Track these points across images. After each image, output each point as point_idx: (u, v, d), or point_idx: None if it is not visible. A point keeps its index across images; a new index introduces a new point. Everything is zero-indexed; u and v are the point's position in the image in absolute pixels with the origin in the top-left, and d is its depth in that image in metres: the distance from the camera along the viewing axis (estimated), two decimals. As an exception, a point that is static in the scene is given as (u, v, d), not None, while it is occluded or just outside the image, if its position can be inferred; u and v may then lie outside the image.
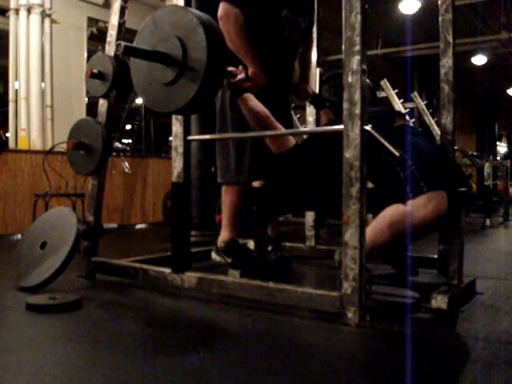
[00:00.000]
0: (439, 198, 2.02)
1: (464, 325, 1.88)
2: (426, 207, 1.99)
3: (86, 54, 5.57)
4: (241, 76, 2.22)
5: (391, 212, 2.06)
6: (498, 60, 9.26)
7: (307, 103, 3.05)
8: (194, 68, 1.81)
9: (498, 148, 15.96)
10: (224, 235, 2.60)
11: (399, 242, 2.11)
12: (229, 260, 2.50)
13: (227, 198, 2.58)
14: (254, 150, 2.51)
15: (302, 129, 2.28)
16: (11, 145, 4.99)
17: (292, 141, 2.47)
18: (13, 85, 5.00)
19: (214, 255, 2.63)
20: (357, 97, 1.74)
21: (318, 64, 3.09)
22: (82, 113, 5.39)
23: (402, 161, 2.06)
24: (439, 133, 2.26)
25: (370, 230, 2.05)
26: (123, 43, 1.85)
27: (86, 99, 5.52)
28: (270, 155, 2.52)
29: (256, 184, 2.72)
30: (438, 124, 2.31)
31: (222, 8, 2.39)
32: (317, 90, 2.89)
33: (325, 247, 3.18)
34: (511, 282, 2.67)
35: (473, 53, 8.92)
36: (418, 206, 2.00)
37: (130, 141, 8.56)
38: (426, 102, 6.44)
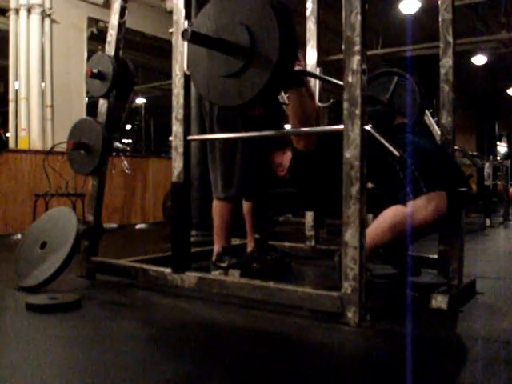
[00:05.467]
0: (439, 198, 2.02)
1: (464, 325, 1.88)
2: (427, 208, 1.99)
3: (86, 54, 5.57)
4: (299, 68, 2.13)
5: (392, 213, 2.06)
6: (498, 60, 9.26)
7: None
8: (263, 57, 1.68)
9: (498, 148, 15.95)
10: (216, 249, 2.61)
11: (400, 242, 2.11)
12: (224, 265, 2.50)
13: (216, 212, 2.58)
14: (243, 167, 2.50)
15: (302, 129, 2.27)
16: (11, 145, 5.00)
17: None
18: (13, 85, 5.00)
19: (213, 272, 2.59)
20: (357, 96, 1.74)
21: (318, 64, 3.09)
22: (81, 113, 5.39)
23: (401, 161, 2.06)
24: (439, 133, 2.26)
25: (370, 231, 2.05)
26: (190, 29, 1.71)
27: (86, 99, 5.51)
28: (260, 174, 2.52)
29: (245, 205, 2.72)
30: (438, 124, 2.31)
31: None
32: (317, 90, 2.89)
33: (325, 247, 3.18)
34: (511, 282, 2.67)
35: (473, 53, 8.91)
36: (418, 207, 2.00)
37: (130, 141, 8.56)
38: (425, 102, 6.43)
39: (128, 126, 8.60)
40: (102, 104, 2.70)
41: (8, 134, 5.14)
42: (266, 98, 1.84)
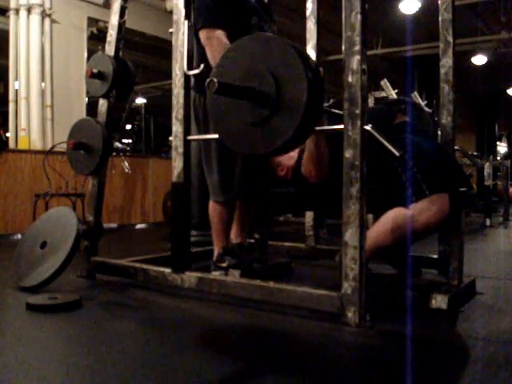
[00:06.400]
0: (442, 201, 2.01)
1: (464, 325, 1.88)
2: (429, 211, 1.98)
3: (86, 54, 5.56)
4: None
5: (394, 216, 2.05)
6: (498, 60, 9.25)
7: None
8: (291, 105, 1.64)
9: (498, 148, 15.93)
10: (216, 250, 2.60)
11: (401, 243, 2.10)
12: (225, 265, 2.49)
13: (215, 215, 2.55)
14: (243, 169, 2.48)
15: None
16: (11, 145, 4.99)
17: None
18: (13, 85, 5.00)
19: (213, 273, 2.58)
20: (357, 97, 1.74)
21: (319, 64, 3.09)
22: (82, 113, 5.38)
23: (402, 161, 2.05)
24: (439, 133, 2.26)
25: (372, 233, 2.04)
26: (216, 80, 1.63)
27: (86, 99, 5.51)
28: (261, 175, 2.51)
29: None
30: (438, 124, 2.31)
31: (203, 35, 2.33)
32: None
33: (325, 247, 3.18)
34: (511, 282, 2.67)
35: (473, 53, 8.91)
36: (420, 210, 1.99)
37: (130, 141, 8.56)
38: (426, 101, 6.45)
39: (128, 126, 8.60)
40: (102, 104, 2.70)
41: (8, 134, 5.13)
42: (293, 145, 1.80)
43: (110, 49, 2.68)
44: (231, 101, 1.75)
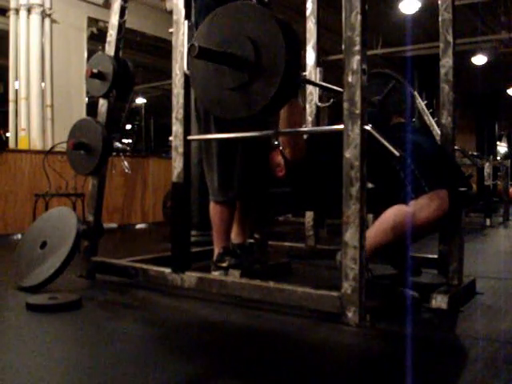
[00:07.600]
0: (441, 197, 2.02)
1: (464, 325, 1.88)
2: (429, 207, 1.99)
3: (86, 54, 5.56)
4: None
5: (394, 213, 2.05)
6: (498, 60, 9.25)
7: (307, 101, 3.06)
8: (270, 70, 1.70)
9: (498, 148, 15.92)
10: (216, 250, 2.59)
11: (400, 242, 2.11)
12: (225, 265, 2.49)
13: (215, 215, 2.54)
14: (243, 169, 2.49)
15: (302, 128, 2.27)
16: (11, 145, 4.99)
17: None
18: (13, 85, 5.00)
19: (213, 272, 2.58)
20: (357, 96, 1.74)
21: (318, 64, 3.09)
22: (82, 113, 5.39)
23: (401, 160, 2.06)
24: (439, 133, 2.26)
25: (372, 231, 2.04)
26: (196, 44, 1.70)
27: (86, 99, 5.52)
28: (260, 175, 2.51)
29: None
30: (438, 124, 2.31)
31: None
32: (317, 90, 2.89)
33: (325, 247, 3.18)
34: (511, 282, 2.67)
35: (473, 53, 8.91)
36: (420, 207, 2.00)
37: (130, 141, 8.56)
38: (426, 101, 6.45)
39: (128, 126, 8.60)
40: (102, 104, 2.70)
41: (8, 134, 5.14)
42: (273, 110, 1.84)
43: (109, 49, 2.68)
44: (212, 67, 1.79)
